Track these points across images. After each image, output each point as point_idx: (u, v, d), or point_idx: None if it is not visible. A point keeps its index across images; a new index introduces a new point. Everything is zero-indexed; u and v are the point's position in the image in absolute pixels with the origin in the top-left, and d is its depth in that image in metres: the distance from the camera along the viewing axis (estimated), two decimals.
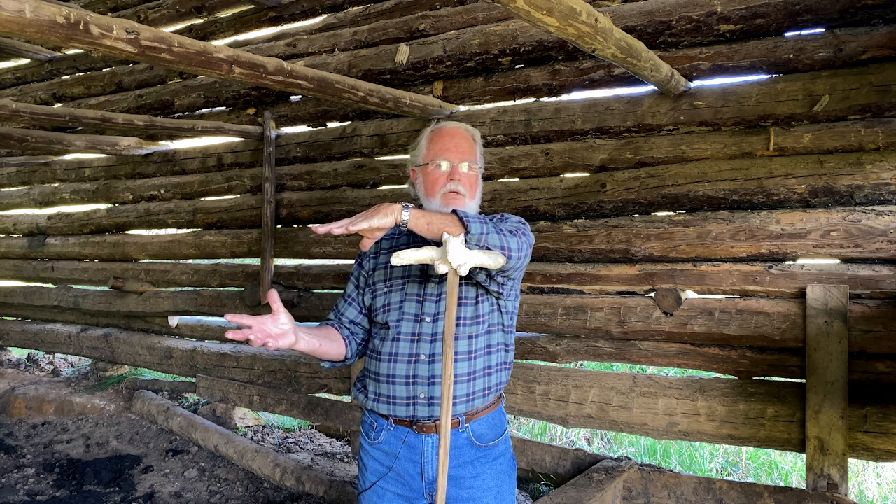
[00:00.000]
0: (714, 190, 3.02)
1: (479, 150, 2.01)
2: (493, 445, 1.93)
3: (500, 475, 1.92)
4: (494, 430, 1.94)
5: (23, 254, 6.11)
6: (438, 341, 1.86)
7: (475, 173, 1.96)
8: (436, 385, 1.84)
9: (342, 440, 4.53)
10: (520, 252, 1.74)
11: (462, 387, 1.87)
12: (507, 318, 1.97)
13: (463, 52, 3.54)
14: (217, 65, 2.40)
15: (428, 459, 1.87)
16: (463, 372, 1.87)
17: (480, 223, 1.67)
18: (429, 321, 1.88)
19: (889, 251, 2.71)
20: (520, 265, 1.79)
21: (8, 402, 5.22)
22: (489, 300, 1.91)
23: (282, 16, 4.50)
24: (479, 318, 1.90)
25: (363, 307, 2.04)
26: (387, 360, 1.91)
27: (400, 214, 1.64)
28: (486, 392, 1.91)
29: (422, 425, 1.87)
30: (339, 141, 4.20)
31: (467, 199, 1.91)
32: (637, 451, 4.57)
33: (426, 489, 1.88)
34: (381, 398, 1.92)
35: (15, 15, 1.76)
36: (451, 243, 1.63)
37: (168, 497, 3.74)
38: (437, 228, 1.66)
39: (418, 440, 1.87)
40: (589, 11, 2.06)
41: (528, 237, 1.83)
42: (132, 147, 4.99)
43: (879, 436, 2.75)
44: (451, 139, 1.94)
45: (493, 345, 1.94)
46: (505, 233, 1.74)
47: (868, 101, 2.72)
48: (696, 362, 3.14)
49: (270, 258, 4.41)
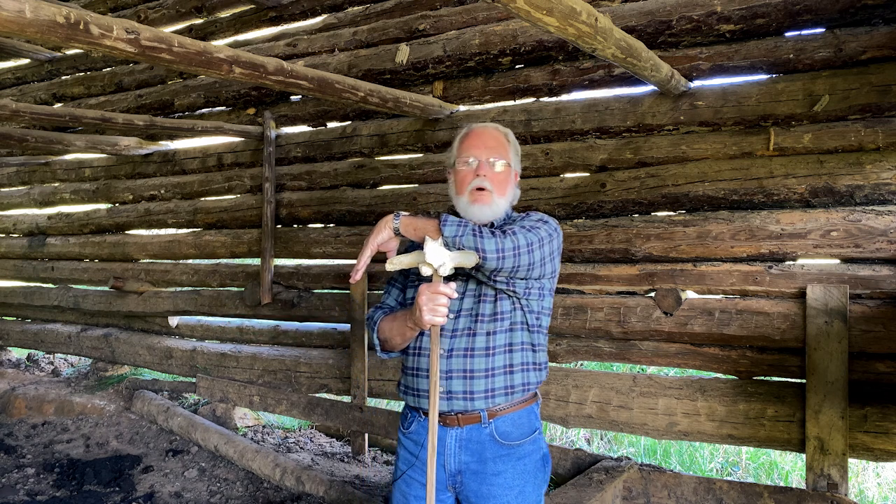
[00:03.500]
0: (714, 190, 3.02)
1: (513, 149, 2.01)
2: (518, 445, 1.93)
3: (524, 475, 1.93)
4: (521, 430, 1.94)
5: (23, 254, 6.11)
6: (457, 337, 1.91)
7: (505, 171, 1.95)
8: (452, 379, 1.89)
9: (342, 440, 4.54)
10: (499, 252, 1.73)
11: (480, 382, 1.89)
12: (531, 317, 1.94)
13: (463, 52, 3.54)
14: (217, 65, 2.40)
15: (451, 451, 1.91)
16: (480, 368, 1.89)
17: (458, 226, 1.75)
18: (451, 317, 1.91)
19: (889, 251, 2.71)
20: (511, 265, 1.76)
21: (8, 402, 5.22)
22: (509, 298, 1.91)
23: (282, 16, 4.50)
24: (498, 314, 1.91)
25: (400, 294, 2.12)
26: (413, 353, 1.99)
27: (392, 224, 1.85)
28: (508, 390, 1.92)
29: (445, 417, 1.91)
30: (339, 141, 4.20)
31: (495, 195, 1.91)
32: (637, 451, 4.57)
33: (449, 481, 1.93)
34: (410, 391, 1.99)
35: (15, 15, 1.76)
36: (427, 245, 1.76)
37: (168, 497, 3.74)
38: (421, 232, 1.81)
39: (443, 432, 1.91)
40: (589, 11, 2.06)
41: (531, 234, 1.81)
42: (132, 147, 4.99)
43: (879, 436, 2.75)
44: (479, 137, 1.97)
45: (516, 343, 1.93)
46: (486, 234, 1.74)
47: (868, 101, 2.72)
48: (696, 362, 3.14)
49: (270, 258, 4.41)
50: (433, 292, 1.78)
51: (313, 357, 4.37)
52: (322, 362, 4.31)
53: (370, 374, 4.07)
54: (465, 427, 1.90)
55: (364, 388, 4.04)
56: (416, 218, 1.85)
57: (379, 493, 3.56)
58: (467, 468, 1.90)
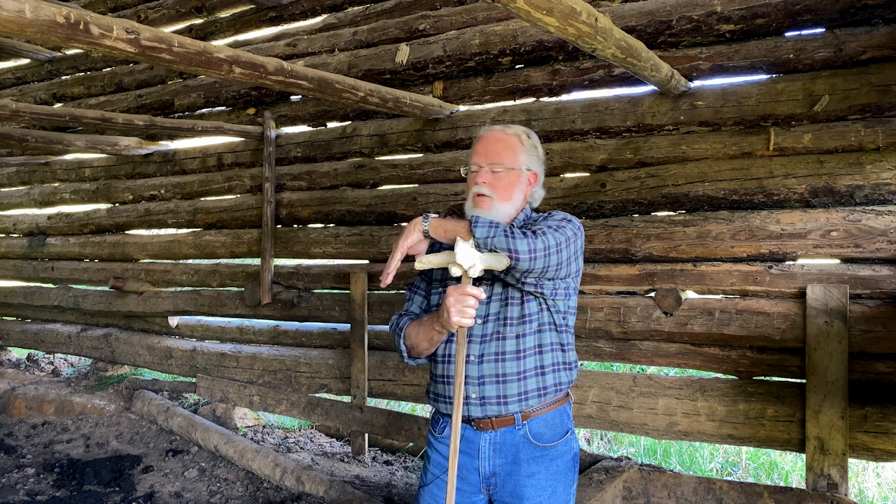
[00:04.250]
0: (714, 190, 3.02)
1: (527, 150, 1.99)
2: (552, 446, 1.93)
3: (557, 476, 1.93)
4: (554, 430, 1.94)
5: (23, 254, 6.11)
6: (486, 342, 1.91)
7: (510, 175, 1.94)
8: (485, 385, 1.89)
9: (342, 440, 4.54)
10: (531, 253, 1.74)
11: (513, 386, 1.89)
12: (558, 317, 1.95)
13: (463, 52, 3.54)
14: (217, 65, 2.40)
15: (485, 455, 1.92)
16: (512, 371, 1.89)
17: (488, 227, 1.75)
18: (479, 322, 1.91)
19: (889, 251, 2.71)
20: (541, 266, 1.77)
21: (8, 402, 5.22)
22: (536, 299, 1.91)
23: (282, 16, 4.50)
24: (525, 317, 1.91)
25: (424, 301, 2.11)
26: (442, 360, 1.99)
27: (422, 226, 1.85)
28: (541, 392, 1.92)
29: (479, 422, 1.92)
30: (339, 141, 4.20)
31: (495, 200, 1.92)
32: (637, 451, 4.58)
33: (483, 484, 1.93)
34: (440, 398, 1.99)
35: (15, 15, 1.76)
36: (459, 247, 1.76)
37: (168, 497, 3.74)
38: (452, 234, 1.82)
39: (477, 436, 1.92)
40: (589, 11, 2.06)
41: (559, 234, 1.81)
42: (132, 147, 4.99)
43: (879, 436, 2.75)
44: (483, 143, 1.98)
45: (546, 344, 1.94)
46: (518, 235, 1.74)
47: (868, 101, 2.72)
48: (696, 362, 3.14)
49: (270, 258, 4.41)
50: (462, 293, 1.78)
51: (313, 357, 4.37)
52: (322, 362, 4.31)
53: (370, 374, 4.07)
54: (498, 430, 1.91)
55: (364, 388, 4.04)
56: (447, 220, 1.87)
57: (379, 494, 3.56)
58: (501, 470, 1.91)
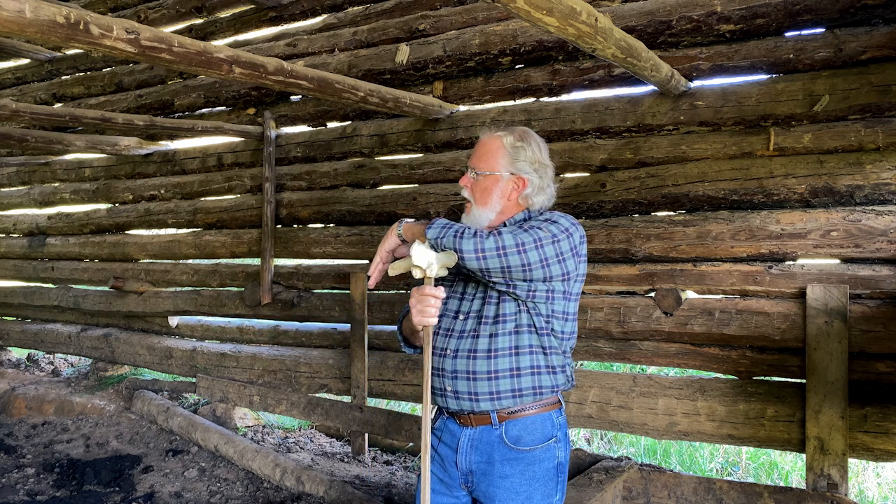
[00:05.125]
0: (714, 190, 3.02)
1: (503, 154, 1.98)
2: (529, 450, 1.90)
3: (533, 482, 1.90)
4: (533, 435, 1.91)
5: (23, 254, 6.11)
6: (463, 338, 1.93)
7: (487, 180, 1.96)
8: (458, 380, 1.92)
9: (342, 440, 4.54)
10: (477, 252, 1.75)
11: (483, 384, 1.90)
12: (539, 320, 1.91)
13: (463, 52, 3.54)
14: (217, 65, 2.40)
15: (463, 450, 1.94)
16: (482, 370, 1.90)
17: (441, 228, 1.84)
18: (461, 318, 1.96)
19: (889, 251, 2.71)
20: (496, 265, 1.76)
21: (8, 402, 5.22)
22: (515, 301, 1.90)
23: (282, 16, 4.50)
24: (500, 317, 1.90)
25: None
26: (433, 353, 2.02)
27: (397, 230, 1.98)
28: (515, 394, 1.90)
29: (459, 416, 1.95)
30: (339, 141, 4.20)
31: (474, 205, 1.99)
32: (637, 451, 4.58)
33: (462, 479, 1.95)
34: (433, 388, 2.03)
35: (15, 15, 1.76)
36: (413, 247, 1.84)
37: (168, 497, 3.74)
38: (416, 236, 1.90)
39: (459, 431, 1.96)
40: (589, 11, 2.06)
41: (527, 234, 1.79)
42: (132, 147, 4.99)
43: (879, 436, 2.75)
44: (476, 146, 2.05)
45: (523, 346, 1.91)
46: (467, 235, 1.78)
47: (868, 101, 2.72)
48: (696, 362, 3.14)
49: (270, 258, 4.41)
50: (422, 294, 1.85)
51: (313, 357, 4.37)
52: (322, 362, 4.31)
53: (370, 374, 4.07)
54: (477, 427, 1.92)
55: (364, 388, 4.05)
56: (416, 223, 1.96)
57: (379, 493, 3.56)
58: (477, 468, 1.92)
